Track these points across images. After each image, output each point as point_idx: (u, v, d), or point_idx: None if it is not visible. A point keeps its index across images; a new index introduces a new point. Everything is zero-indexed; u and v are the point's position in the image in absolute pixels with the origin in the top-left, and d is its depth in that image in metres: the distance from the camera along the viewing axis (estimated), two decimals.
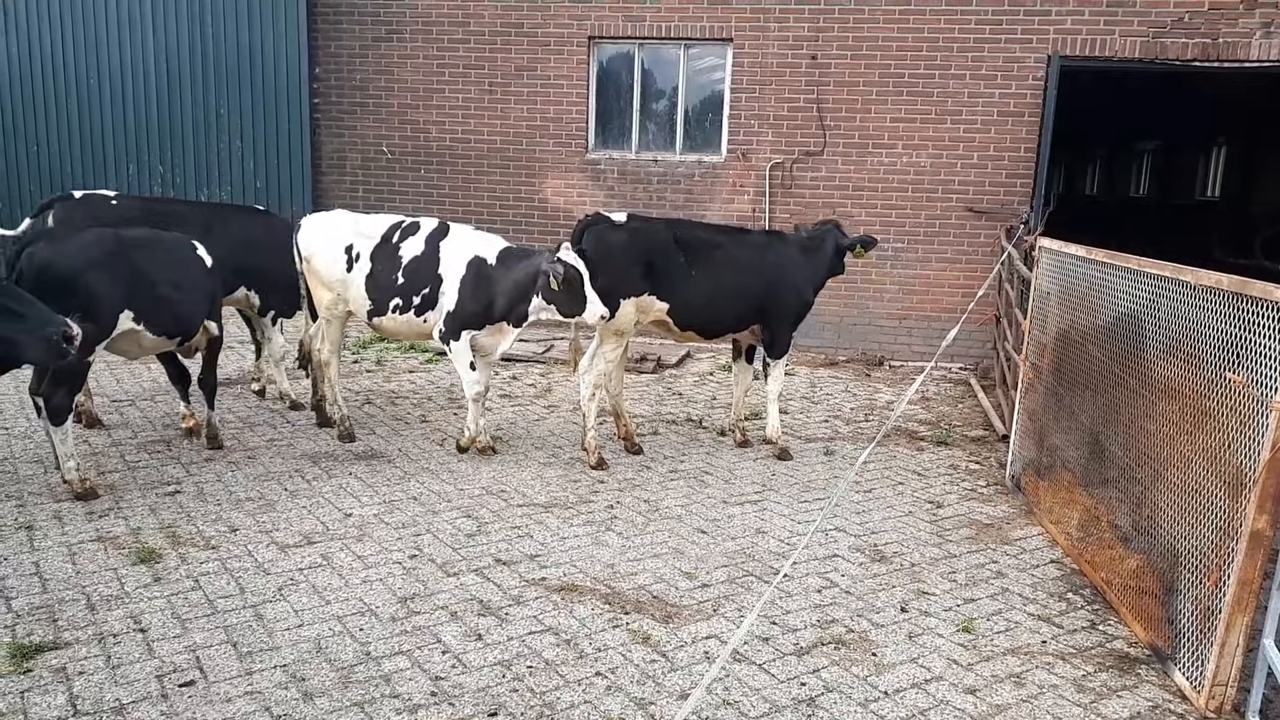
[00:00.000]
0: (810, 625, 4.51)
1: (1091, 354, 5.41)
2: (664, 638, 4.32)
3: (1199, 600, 3.96)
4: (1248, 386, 3.73)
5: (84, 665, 3.87)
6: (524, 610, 4.53)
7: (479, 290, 6.37)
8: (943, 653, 4.30)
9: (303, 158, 12.04)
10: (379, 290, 6.61)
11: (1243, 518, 3.70)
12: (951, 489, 6.58)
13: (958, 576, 5.14)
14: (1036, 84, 10.23)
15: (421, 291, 6.51)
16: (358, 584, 4.71)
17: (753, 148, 11.06)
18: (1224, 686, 3.82)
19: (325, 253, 6.79)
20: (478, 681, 3.89)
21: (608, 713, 3.71)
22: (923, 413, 8.73)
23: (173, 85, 12.09)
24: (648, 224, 6.99)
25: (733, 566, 5.15)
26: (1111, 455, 5.12)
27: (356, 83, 11.92)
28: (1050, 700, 3.93)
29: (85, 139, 12.34)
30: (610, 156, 11.51)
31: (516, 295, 6.31)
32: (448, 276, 6.45)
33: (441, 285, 6.46)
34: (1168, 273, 4.48)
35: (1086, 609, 4.81)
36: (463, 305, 6.40)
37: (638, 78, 11.41)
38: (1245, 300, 3.79)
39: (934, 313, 10.62)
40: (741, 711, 3.76)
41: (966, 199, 10.64)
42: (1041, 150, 10.33)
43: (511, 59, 11.48)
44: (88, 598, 4.44)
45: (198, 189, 12.26)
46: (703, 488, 6.38)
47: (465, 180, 11.87)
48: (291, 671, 3.90)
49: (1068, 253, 5.86)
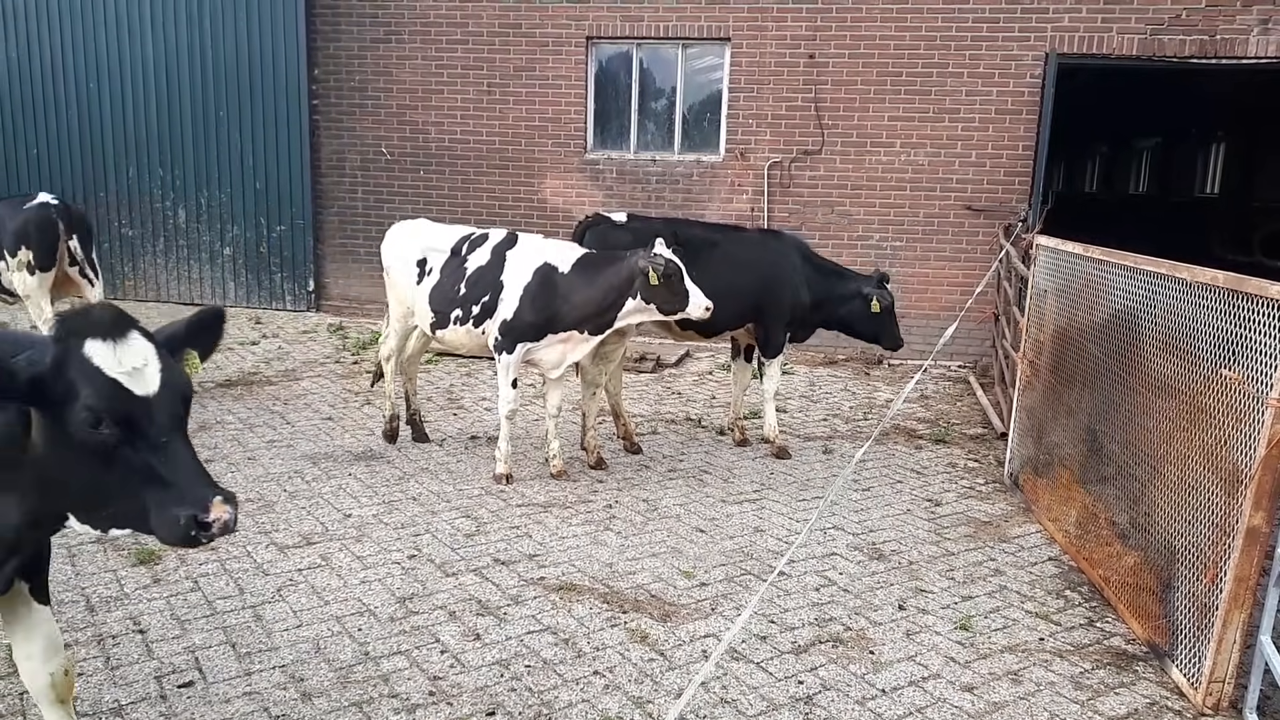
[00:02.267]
0: (808, 623, 4.51)
1: (1089, 351, 5.42)
2: (662, 636, 4.33)
3: (1196, 597, 3.97)
4: (1244, 383, 3.73)
5: (83, 666, 3.88)
6: (522, 610, 4.54)
7: (542, 299, 6.07)
8: (940, 650, 4.30)
9: (302, 159, 12.03)
10: (443, 302, 6.37)
11: (1239, 514, 3.70)
12: (950, 487, 6.59)
13: (956, 574, 5.14)
14: (1034, 81, 10.23)
15: (481, 300, 6.21)
16: (356, 584, 4.72)
17: (751, 147, 11.06)
18: (1221, 683, 3.83)
19: (401, 266, 6.65)
20: (476, 681, 3.90)
21: (606, 711, 3.72)
22: (921, 411, 8.73)
23: (172, 88, 12.10)
24: (648, 224, 7.01)
25: (731, 565, 5.15)
26: (1109, 453, 5.13)
27: (355, 84, 11.93)
28: (1048, 697, 3.94)
29: (85, 142, 12.35)
30: (609, 156, 11.51)
31: (601, 302, 6.02)
32: (510, 284, 6.16)
33: (502, 293, 6.16)
34: (1164, 270, 4.48)
35: (1084, 606, 4.81)
36: (521, 315, 6.09)
37: (636, 77, 11.41)
38: (1241, 297, 3.80)
39: (932, 311, 10.61)
40: (739, 710, 3.76)
41: (965, 197, 10.64)
42: (1040, 148, 10.33)
43: (510, 59, 11.49)
44: (87, 599, 4.46)
45: (197, 191, 12.27)
46: (701, 487, 6.39)
47: (464, 181, 11.87)
48: (290, 672, 3.91)
49: (1065, 250, 5.87)
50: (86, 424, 2.30)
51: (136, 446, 2.34)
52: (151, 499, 2.35)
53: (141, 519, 2.40)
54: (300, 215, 12.17)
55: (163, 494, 2.34)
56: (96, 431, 2.31)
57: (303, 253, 12.26)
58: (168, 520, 2.33)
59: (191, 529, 2.31)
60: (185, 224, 12.41)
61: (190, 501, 2.32)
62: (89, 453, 2.34)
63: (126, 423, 2.32)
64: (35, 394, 2.31)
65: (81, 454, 2.35)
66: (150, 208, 12.44)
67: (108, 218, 12.42)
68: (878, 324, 7.03)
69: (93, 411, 2.29)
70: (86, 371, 2.31)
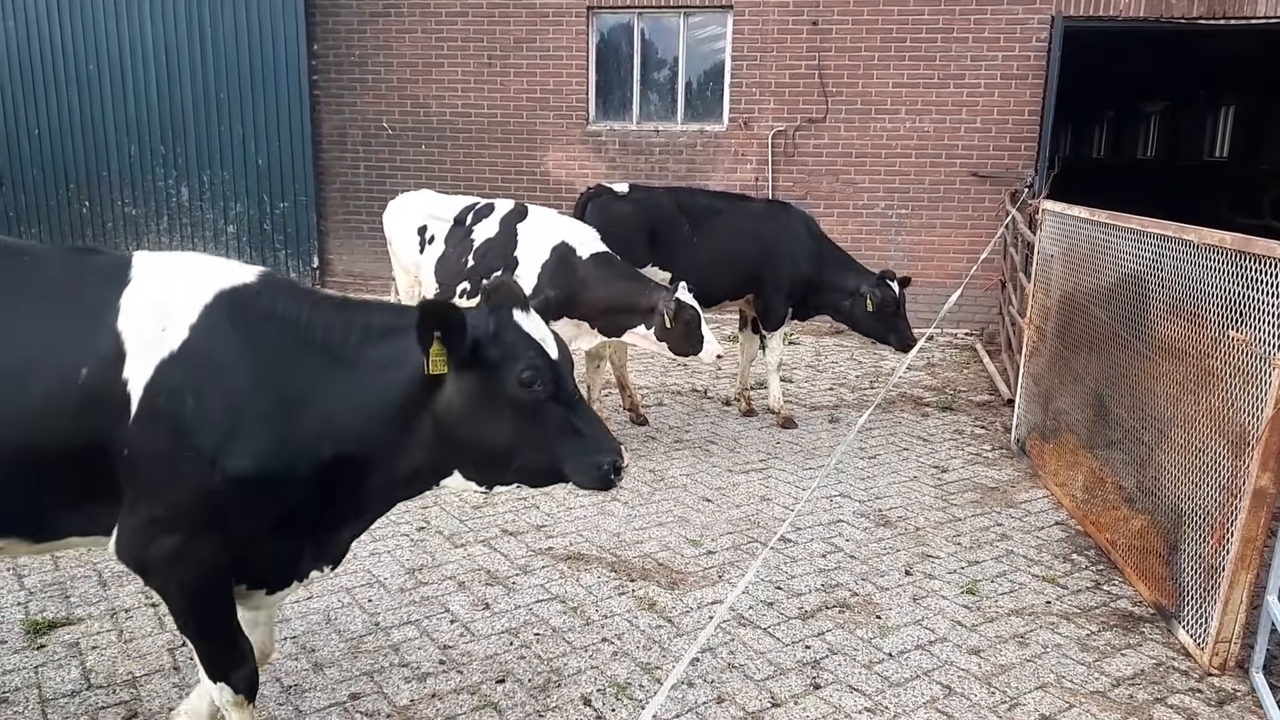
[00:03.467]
0: (815, 589, 4.53)
1: (1095, 316, 5.39)
2: (670, 604, 4.36)
3: (1203, 559, 3.97)
4: (1251, 344, 3.71)
5: (97, 640, 3.92)
6: (531, 579, 4.56)
7: (561, 278, 5.86)
8: (947, 615, 4.32)
9: (303, 135, 11.98)
10: (448, 274, 6.22)
11: (1246, 476, 3.70)
12: (956, 453, 6.59)
13: (962, 540, 5.16)
14: (1040, 45, 10.11)
15: (493, 274, 5.89)
16: (365, 556, 4.75)
17: (754, 116, 10.97)
18: (1228, 643, 3.84)
19: (402, 235, 6.58)
20: (486, 649, 3.93)
21: (614, 677, 3.75)
22: (928, 378, 8.72)
23: (172, 66, 12.02)
24: (650, 194, 6.97)
25: (738, 534, 5.17)
26: (1116, 417, 5.12)
27: (355, 59, 11.85)
28: (1054, 660, 3.96)
29: (86, 123, 12.29)
30: (611, 128, 11.44)
31: (613, 311, 5.89)
32: (526, 261, 5.98)
33: (517, 269, 5.96)
34: (1171, 232, 4.45)
35: (1091, 569, 4.82)
36: (539, 292, 5.73)
37: (638, 47, 11.31)
38: (1249, 258, 3.77)
39: (939, 278, 10.56)
40: (747, 675, 3.79)
41: (970, 163, 10.56)
42: (1045, 113, 10.24)
43: (510, 31, 11.39)
44: (99, 574, 4.49)
45: (200, 169, 12.23)
46: (708, 457, 6.40)
47: (466, 154, 11.82)
48: (301, 643, 3.95)
49: (1071, 215, 5.82)
50: (527, 382, 2.54)
51: (559, 402, 2.60)
52: (566, 449, 2.62)
53: (546, 471, 2.67)
54: (303, 192, 12.14)
55: (579, 444, 2.62)
56: (532, 389, 2.55)
57: (306, 229, 12.24)
58: (587, 466, 2.62)
59: (612, 473, 2.62)
60: (188, 202, 12.38)
61: (608, 449, 2.64)
62: (517, 409, 2.57)
63: (554, 381, 2.59)
64: (474, 354, 2.53)
65: (509, 411, 2.57)
66: (153, 186, 12.40)
67: (110, 197, 12.40)
68: (883, 322, 6.82)
69: (535, 370, 2.54)
70: (523, 336, 2.58)
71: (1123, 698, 3.70)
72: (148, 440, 2.46)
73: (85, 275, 2.61)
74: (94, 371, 2.44)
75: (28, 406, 2.41)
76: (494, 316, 2.59)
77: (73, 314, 2.52)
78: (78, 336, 2.47)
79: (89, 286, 2.56)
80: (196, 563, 2.58)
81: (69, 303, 2.54)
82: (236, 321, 2.55)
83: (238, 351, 2.52)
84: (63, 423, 2.43)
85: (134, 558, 2.60)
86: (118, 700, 3.52)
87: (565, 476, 2.66)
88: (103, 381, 2.44)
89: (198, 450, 2.47)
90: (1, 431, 2.42)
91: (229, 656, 2.78)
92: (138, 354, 2.46)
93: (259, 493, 2.55)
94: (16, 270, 2.58)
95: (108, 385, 2.44)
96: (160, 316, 2.50)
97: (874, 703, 3.62)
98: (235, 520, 2.57)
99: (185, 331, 2.49)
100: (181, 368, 2.47)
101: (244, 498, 2.53)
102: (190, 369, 2.47)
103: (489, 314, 2.61)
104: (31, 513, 2.58)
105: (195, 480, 2.48)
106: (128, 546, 2.58)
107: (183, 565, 2.57)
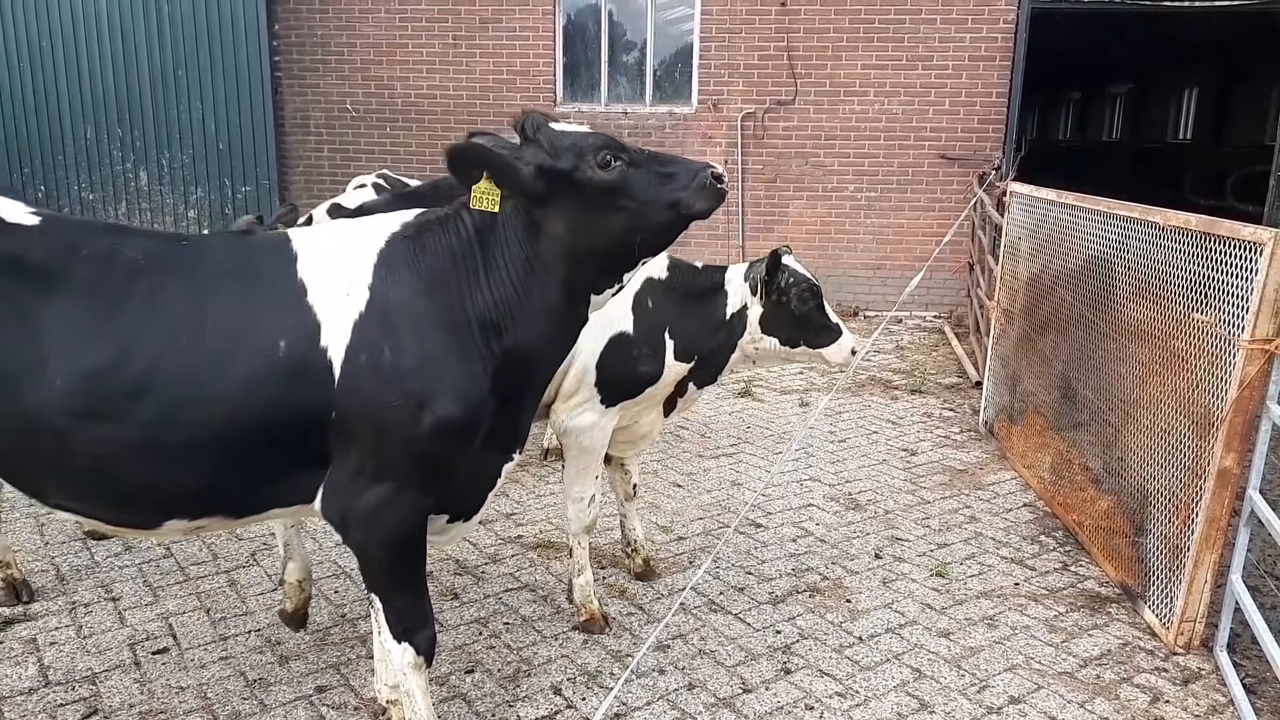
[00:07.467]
0: (785, 574, 4.53)
1: (1062, 298, 5.42)
2: (640, 591, 4.33)
3: (1168, 539, 4.01)
4: (1215, 326, 3.74)
5: (55, 636, 3.83)
6: (500, 568, 4.52)
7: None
8: (917, 597, 4.33)
9: (265, 118, 11.73)
10: None
11: (1210, 457, 3.73)
12: (925, 436, 6.62)
13: (931, 522, 5.18)
14: (1008, 27, 10.13)
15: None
16: (331, 547, 4.68)
17: (724, 98, 10.92)
18: (1193, 622, 3.88)
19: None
20: (454, 640, 3.88)
21: (585, 665, 3.72)
22: (897, 362, 8.75)
23: (128, 44, 11.71)
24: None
25: (708, 519, 5.16)
26: (1083, 399, 5.15)
27: (317, 39, 11.62)
28: (1023, 641, 3.98)
29: (40, 104, 11.95)
30: (579, 109, 11.32)
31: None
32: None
33: None
34: (1137, 214, 4.46)
35: (1058, 551, 4.86)
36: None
37: (605, 28, 11.19)
38: (1213, 240, 3.79)
39: (908, 261, 10.59)
40: (718, 660, 3.78)
41: (939, 146, 10.58)
42: (1013, 95, 10.27)
43: (475, 11, 11.22)
44: (57, 568, 4.39)
45: (159, 152, 11.97)
46: (678, 442, 6.38)
47: (432, 137, 11.64)
48: (266, 636, 3.88)
49: (1039, 197, 5.84)
50: (604, 163, 2.62)
51: (634, 163, 2.67)
52: (672, 191, 2.70)
53: (666, 224, 2.74)
54: (265, 175, 11.90)
55: (677, 180, 2.72)
56: (613, 166, 2.63)
57: (269, 213, 12.00)
58: (696, 191, 2.70)
59: (718, 182, 2.72)
60: (147, 186, 12.10)
61: (699, 167, 2.75)
62: (612, 191, 2.64)
63: (621, 147, 2.67)
64: (548, 179, 2.60)
65: (610, 198, 2.65)
66: (110, 170, 12.10)
67: (66, 180, 12.09)
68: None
69: (604, 148, 2.62)
70: (573, 133, 2.68)
71: (1090, 678, 3.73)
72: (355, 397, 2.55)
73: (255, 257, 2.69)
74: (292, 345, 2.54)
75: (231, 387, 2.49)
76: (542, 135, 2.65)
77: (257, 294, 2.60)
78: (268, 314, 2.57)
79: (264, 267, 2.65)
80: (404, 509, 2.67)
81: (248, 284, 2.61)
82: (403, 268, 2.65)
83: (412, 296, 2.63)
84: (267, 397, 2.52)
85: (340, 511, 2.68)
86: (76, 697, 3.44)
87: (684, 215, 2.74)
88: (303, 353, 2.54)
89: (406, 394, 2.56)
90: (207, 412, 2.49)
91: (417, 614, 2.82)
92: (331, 321, 2.57)
93: (465, 420, 2.64)
94: (182, 257, 2.63)
95: (308, 355, 2.54)
96: (342, 284, 2.61)
97: (844, 687, 3.63)
98: (444, 456, 2.66)
99: (366, 292, 2.60)
100: (374, 324, 2.58)
101: (450, 429, 2.61)
102: (382, 324, 2.59)
103: (535, 137, 2.65)
104: (236, 489, 2.66)
105: (404, 427, 2.56)
106: (336, 501, 2.67)
107: (389, 512, 2.65)
